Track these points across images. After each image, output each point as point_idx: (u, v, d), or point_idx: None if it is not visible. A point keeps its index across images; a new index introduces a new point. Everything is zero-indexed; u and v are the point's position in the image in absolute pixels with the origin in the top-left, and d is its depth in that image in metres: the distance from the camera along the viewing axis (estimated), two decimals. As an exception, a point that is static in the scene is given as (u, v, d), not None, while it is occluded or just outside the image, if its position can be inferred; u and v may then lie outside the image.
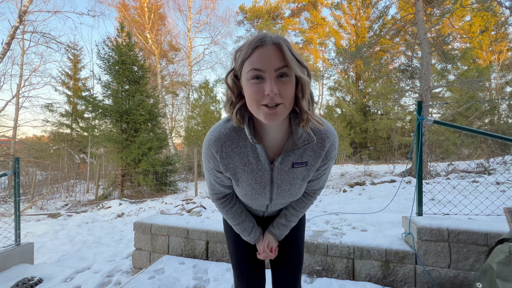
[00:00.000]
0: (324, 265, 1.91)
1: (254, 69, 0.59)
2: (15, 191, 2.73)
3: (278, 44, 0.58)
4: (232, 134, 0.73)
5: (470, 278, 1.66)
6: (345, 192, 5.89)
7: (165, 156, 11.25)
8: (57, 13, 11.97)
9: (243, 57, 0.61)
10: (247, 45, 0.61)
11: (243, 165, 0.76)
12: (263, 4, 22.67)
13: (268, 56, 0.58)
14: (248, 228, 0.93)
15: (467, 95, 13.24)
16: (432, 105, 11.78)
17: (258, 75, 0.59)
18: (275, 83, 0.58)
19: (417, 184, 1.98)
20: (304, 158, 0.75)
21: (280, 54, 0.58)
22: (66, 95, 16.16)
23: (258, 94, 0.60)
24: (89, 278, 2.36)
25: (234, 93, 0.67)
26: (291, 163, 0.75)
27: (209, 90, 14.85)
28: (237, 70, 0.65)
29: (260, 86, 0.59)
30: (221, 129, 0.74)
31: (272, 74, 0.58)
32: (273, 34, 0.61)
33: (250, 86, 0.61)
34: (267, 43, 0.59)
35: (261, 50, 0.58)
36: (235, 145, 0.74)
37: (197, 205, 5.49)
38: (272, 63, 0.58)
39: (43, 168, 12.86)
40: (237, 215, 0.92)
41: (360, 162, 15.15)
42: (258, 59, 0.58)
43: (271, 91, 0.57)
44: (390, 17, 14.09)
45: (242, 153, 0.75)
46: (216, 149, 0.74)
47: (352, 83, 20.97)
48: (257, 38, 0.60)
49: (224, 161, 0.75)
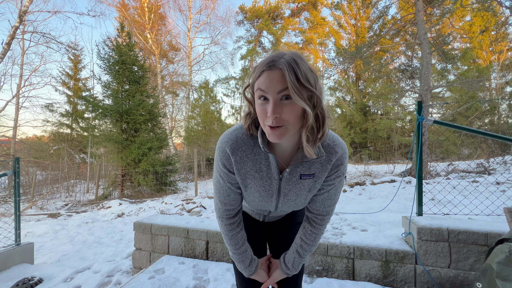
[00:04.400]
0: (324, 265, 1.91)
1: (260, 90, 0.62)
2: (15, 191, 2.73)
3: (281, 69, 0.59)
4: (248, 140, 0.76)
5: (470, 278, 1.66)
6: (345, 192, 5.89)
7: (165, 156, 11.26)
8: (57, 13, 11.98)
9: (254, 77, 0.65)
10: (259, 65, 0.64)
11: (254, 172, 0.78)
12: (263, 4, 22.66)
13: (272, 79, 0.60)
14: (246, 260, 0.90)
15: (467, 95, 13.24)
16: (432, 105, 11.79)
17: (263, 96, 0.62)
18: (277, 105, 0.60)
19: (417, 184, 1.98)
20: (311, 170, 0.76)
21: (283, 78, 0.60)
22: (66, 95, 16.17)
23: (263, 114, 0.63)
24: (89, 278, 2.36)
25: (252, 106, 0.71)
26: (299, 175, 0.76)
27: (209, 90, 14.86)
28: (251, 86, 0.68)
29: (265, 107, 0.63)
30: (238, 134, 0.76)
31: (275, 97, 0.60)
32: (287, 55, 0.61)
33: (258, 105, 0.64)
34: (274, 67, 0.60)
35: (268, 73, 0.61)
36: (249, 151, 0.76)
37: (197, 205, 5.49)
38: (274, 86, 0.60)
39: (43, 168, 12.87)
40: (240, 243, 0.89)
41: (360, 162, 15.14)
42: (264, 81, 0.61)
43: (271, 114, 0.60)
44: (390, 17, 14.11)
45: (255, 160, 0.76)
46: (232, 151, 0.75)
47: (352, 83, 20.96)
48: (268, 60, 0.62)
49: (238, 165, 0.77)
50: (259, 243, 1.05)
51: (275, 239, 1.05)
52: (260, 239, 1.06)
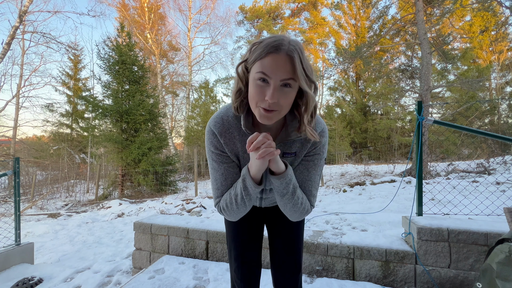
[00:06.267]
0: (324, 265, 1.91)
1: (262, 72, 0.61)
2: (15, 191, 2.73)
3: (291, 57, 0.60)
4: (234, 121, 0.78)
5: (470, 278, 1.66)
6: (345, 192, 5.89)
7: (165, 156, 11.26)
8: (57, 13, 11.98)
9: (256, 56, 0.62)
10: (264, 44, 0.62)
11: (243, 152, 0.80)
12: (263, 4, 22.68)
13: (278, 65, 0.60)
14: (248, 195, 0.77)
15: (467, 95, 13.25)
16: (432, 105, 11.79)
17: (264, 78, 0.61)
18: (277, 91, 0.61)
19: (417, 184, 1.98)
20: (292, 149, 0.80)
21: (291, 66, 0.60)
22: (66, 95, 16.17)
23: (259, 96, 0.63)
24: (89, 278, 2.36)
25: (243, 82, 0.70)
26: (282, 153, 0.79)
27: (209, 90, 14.86)
28: (249, 63, 0.66)
29: (263, 90, 0.62)
30: (223, 116, 0.79)
31: (277, 83, 0.61)
32: (291, 41, 0.62)
33: (255, 86, 0.64)
34: (281, 51, 0.60)
35: (274, 57, 0.60)
36: (237, 132, 0.78)
37: (197, 205, 5.49)
38: (280, 72, 0.60)
39: (43, 168, 12.88)
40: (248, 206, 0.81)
41: (360, 162, 15.15)
42: (268, 65, 0.60)
43: (271, 99, 0.60)
44: (390, 17, 14.09)
45: (243, 140, 0.79)
46: (220, 133, 0.78)
47: (352, 83, 20.98)
48: (275, 43, 0.61)
49: (228, 146, 0.79)
50: (256, 227, 1.05)
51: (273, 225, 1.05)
52: (257, 223, 1.06)
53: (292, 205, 0.77)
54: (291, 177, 0.74)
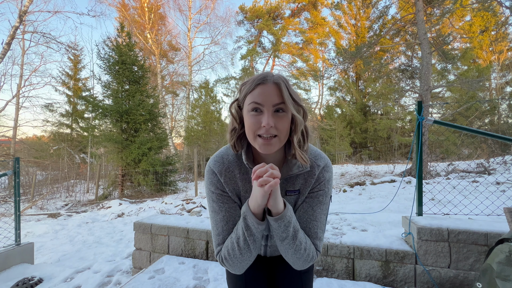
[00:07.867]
0: (324, 265, 1.91)
1: (254, 103, 0.66)
2: (15, 191, 2.73)
3: (277, 84, 0.66)
4: (235, 160, 0.78)
5: (470, 278, 1.66)
6: (345, 192, 5.89)
7: (165, 156, 11.27)
8: (57, 13, 12.01)
9: (246, 91, 0.68)
10: (251, 81, 0.68)
11: (244, 192, 0.78)
12: (263, 4, 22.66)
13: (267, 92, 0.65)
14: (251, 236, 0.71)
15: (467, 95, 13.25)
16: (432, 105, 11.79)
17: (257, 108, 0.66)
18: (272, 117, 0.65)
19: (417, 184, 1.98)
20: (296, 186, 0.77)
21: (279, 92, 0.66)
22: (66, 95, 16.18)
23: (256, 125, 0.66)
24: (89, 278, 2.36)
25: (236, 121, 0.74)
26: (284, 191, 0.77)
27: (209, 90, 14.85)
28: (240, 101, 0.72)
29: (258, 118, 0.66)
30: (223, 155, 0.79)
31: (270, 109, 0.65)
32: (276, 74, 0.70)
33: (249, 117, 0.67)
34: (268, 81, 0.66)
35: (262, 87, 0.66)
36: (237, 170, 0.77)
37: (197, 205, 5.49)
38: (270, 99, 0.65)
39: (43, 168, 12.86)
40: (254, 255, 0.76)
41: (360, 162, 15.15)
42: (259, 94, 0.66)
43: (267, 124, 0.64)
44: (390, 17, 14.11)
45: (244, 179, 0.78)
46: (220, 171, 0.77)
47: (352, 83, 20.96)
48: (261, 76, 0.67)
49: (228, 186, 0.77)
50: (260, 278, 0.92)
51: (279, 276, 0.93)
52: (261, 274, 0.93)
53: (293, 251, 0.70)
54: (290, 219, 0.68)
